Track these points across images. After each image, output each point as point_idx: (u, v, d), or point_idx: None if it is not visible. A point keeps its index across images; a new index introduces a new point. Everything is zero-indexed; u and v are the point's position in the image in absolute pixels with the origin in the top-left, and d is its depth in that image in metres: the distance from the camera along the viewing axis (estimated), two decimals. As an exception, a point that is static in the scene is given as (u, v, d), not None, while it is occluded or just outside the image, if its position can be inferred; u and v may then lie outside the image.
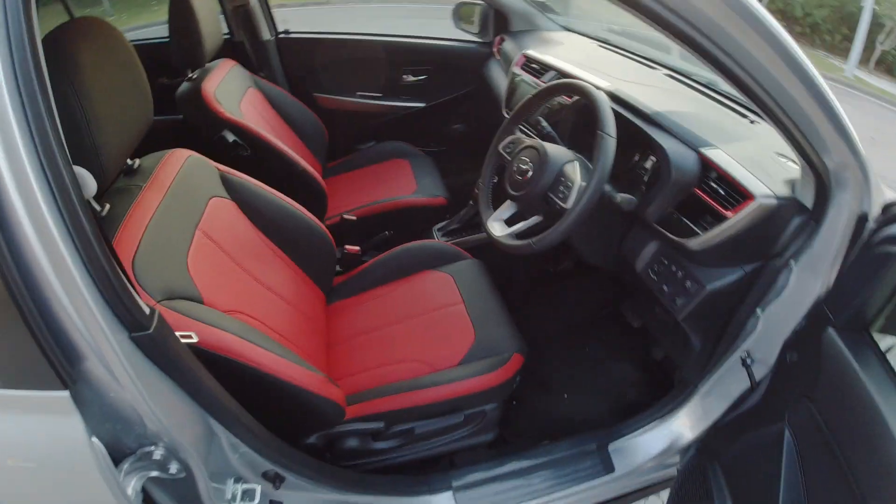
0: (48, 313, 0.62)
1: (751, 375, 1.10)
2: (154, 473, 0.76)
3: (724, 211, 1.06)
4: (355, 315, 1.47)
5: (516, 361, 1.28)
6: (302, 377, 0.99)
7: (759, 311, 1.08)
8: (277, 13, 2.19)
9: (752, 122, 1.33)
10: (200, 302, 0.96)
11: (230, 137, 1.59)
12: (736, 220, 1.03)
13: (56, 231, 0.59)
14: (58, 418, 0.67)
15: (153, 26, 2.35)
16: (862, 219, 0.92)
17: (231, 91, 1.70)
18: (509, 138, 1.37)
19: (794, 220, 1.01)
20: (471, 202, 1.82)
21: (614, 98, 1.30)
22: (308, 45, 2.25)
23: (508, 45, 2.08)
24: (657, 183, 1.18)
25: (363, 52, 2.27)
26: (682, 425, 1.28)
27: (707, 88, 1.52)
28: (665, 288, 1.23)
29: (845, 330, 0.88)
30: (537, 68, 1.68)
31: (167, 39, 1.66)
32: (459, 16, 2.27)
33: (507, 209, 1.32)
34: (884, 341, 0.87)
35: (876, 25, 8.13)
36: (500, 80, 2.08)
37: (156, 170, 1.06)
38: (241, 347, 0.90)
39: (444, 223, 1.91)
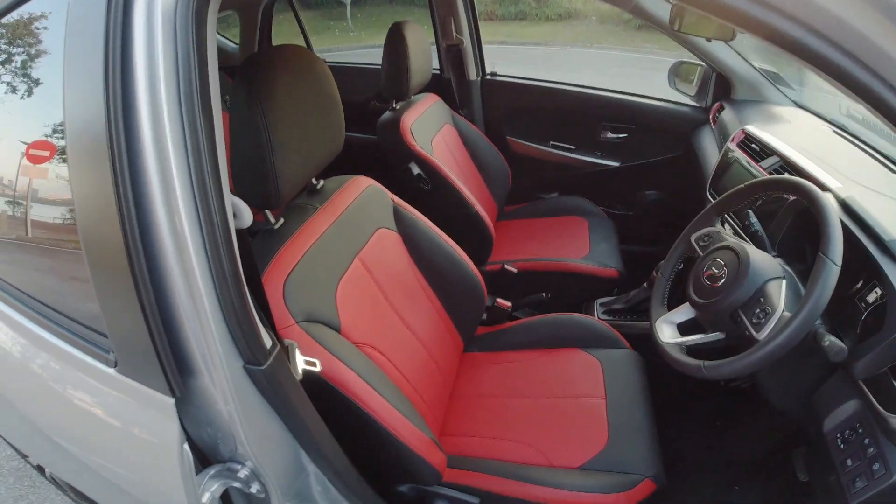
0: (173, 327, 0.67)
1: None
2: (236, 485, 0.79)
3: None
4: (486, 373, 1.41)
5: (646, 488, 1.08)
6: (409, 434, 0.96)
7: None
8: (491, 49, 2.28)
9: None
10: (337, 330, 0.99)
11: (415, 170, 1.67)
12: None
13: (195, 259, 0.63)
14: (163, 418, 0.74)
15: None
16: None
17: (428, 125, 1.79)
18: (707, 229, 1.18)
19: None
20: (645, 284, 1.62)
21: (846, 208, 1.04)
22: (511, 89, 2.28)
23: (727, 115, 1.83)
24: (879, 329, 0.90)
25: (564, 103, 2.22)
26: None
27: None
28: (849, 462, 0.93)
29: None
30: (757, 149, 1.44)
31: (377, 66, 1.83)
32: (677, 74, 2.08)
33: (683, 313, 1.13)
34: None
35: None
36: (710, 151, 1.85)
37: (335, 193, 1.15)
38: (358, 388, 0.91)
39: (609, 299, 1.74)
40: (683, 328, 1.12)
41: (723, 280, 1.01)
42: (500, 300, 1.56)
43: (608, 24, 7.33)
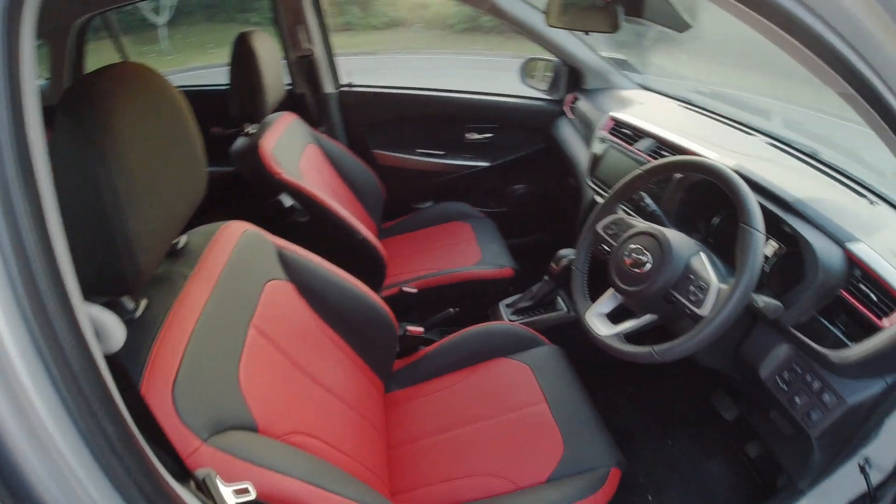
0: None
1: (868, 483, 0.93)
2: None
3: (875, 319, 0.89)
4: (418, 410, 1.27)
5: (615, 477, 1.06)
6: None
7: (886, 419, 0.93)
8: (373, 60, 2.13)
9: (871, 202, 1.13)
10: (255, 430, 0.78)
11: (288, 202, 1.45)
12: (891, 330, 0.86)
13: (49, 422, 0.40)
14: None
15: (210, 68, 2.30)
16: None
17: (290, 148, 1.58)
18: (611, 217, 1.18)
19: None
20: (545, 278, 1.62)
21: (744, 179, 1.12)
22: (370, 99, 2.16)
23: (583, 105, 1.93)
24: (789, 274, 0.99)
25: (427, 109, 2.16)
26: None
27: (812, 159, 1.32)
28: (797, 400, 1.01)
29: None
30: (629, 133, 1.51)
31: (224, 87, 1.56)
32: (528, 71, 2.15)
33: (610, 302, 1.13)
34: None
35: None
36: (573, 142, 1.93)
37: (205, 251, 0.90)
38: (305, 496, 0.71)
39: (513, 299, 1.72)
40: (613, 316, 1.12)
41: (648, 265, 1.02)
42: (410, 327, 1.43)
43: (434, 30, 7.56)
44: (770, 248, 1.05)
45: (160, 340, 0.71)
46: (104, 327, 0.49)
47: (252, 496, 0.63)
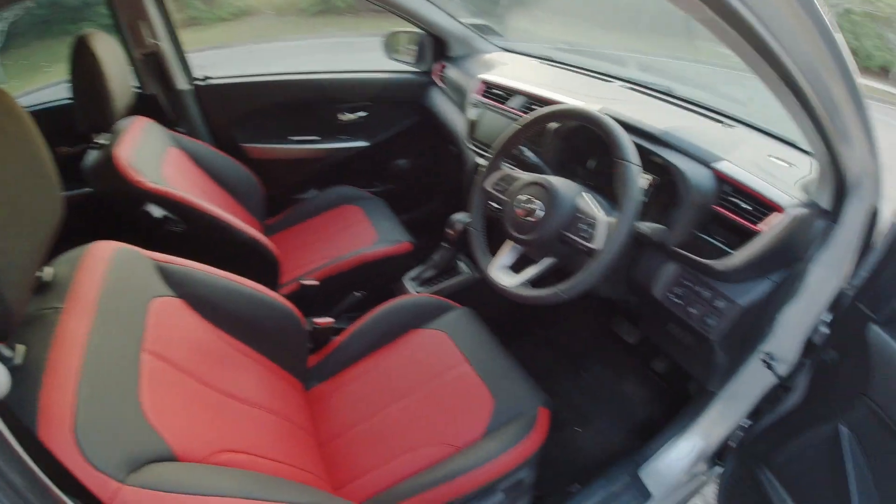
0: None
1: (776, 373, 1.08)
2: None
3: (751, 226, 1.01)
4: (342, 400, 1.24)
5: (545, 417, 1.12)
6: None
7: (777, 314, 1.07)
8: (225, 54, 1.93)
9: (727, 126, 1.30)
10: (174, 458, 0.70)
11: (157, 212, 1.30)
12: (768, 234, 0.99)
13: None
14: None
15: (50, 87, 1.99)
16: (874, 213, 0.93)
17: (149, 154, 1.41)
18: (498, 174, 1.22)
19: (818, 224, 0.99)
20: (444, 244, 1.65)
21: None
22: (230, 91, 1.99)
23: (451, 72, 1.96)
24: (667, 202, 1.10)
25: (293, 94, 2.04)
26: (707, 434, 1.24)
27: (667, 96, 1.48)
28: (692, 310, 1.14)
29: (888, 325, 0.89)
30: (501, 94, 1.56)
31: (67, 101, 1.35)
32: (391, 46, 2.13)
33: (510, 254, 1.17)
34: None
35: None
36: (447, 109, 1.96)
37: (74, 280, 0.79)
38: None
39: (416, 272, 1.72)
40: (515, 267, 1.16)
41: (539, 212, 1.07)
42: (317, 320, 1.38)
43: (286, 16, 7.20)
44: (644, 180, 1.15)
45: (47, 386, 0.62)
46: None
47: None
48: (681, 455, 1.25)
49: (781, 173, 1.08)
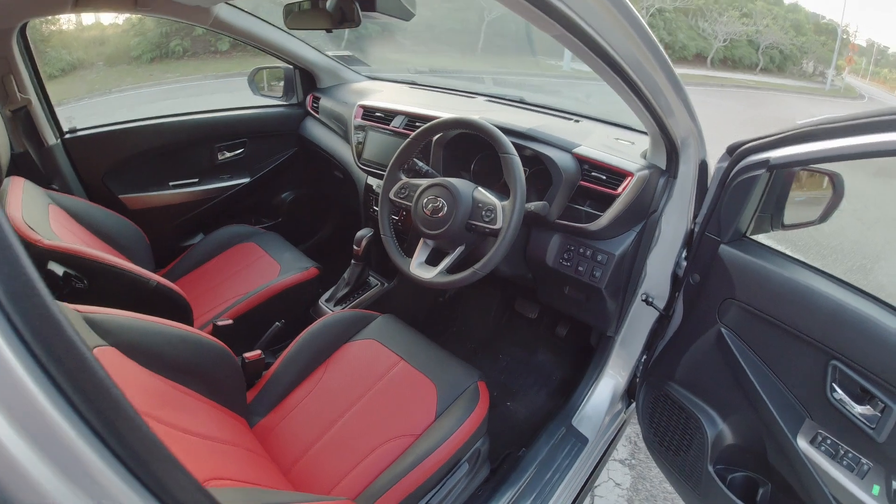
0: None
1: (656, 307, 1.32)
2: None
3: (612, 191, 1.26)
4: (292, 426, 1.26)
5: (484, 388, 1.27)
6: None
7: (647, 259, 1.33)
8: (60, 111, 1.78)
9: (576, 121, 1.58)
10: None
11: (59, 270, 1.21)
12: (624, 195, 1.25)
13: None
14: None
15: None
16: (703, 165, 1.21)
17: (36, 213, 1.31)
18: (398, 184, 1.35)
19: (660, 181, 1.27)
20: (353, 261, 1.73)
21: None
22: (101, 141, 1.88)
23: (325, 102, 2.06)
24: (543, 187, 1.32)
25: (165, 137, 1.98)
26: (617, 373, 1.48)
27: (522, 104, 1.75)
28: (581, 268, 1.37)
29: (732, 242, 1.14)
30: (382, 116, 1.70)
31: None
32: (256, 83, 2.16)
33: (423, 251, 1.30)
34: (759, 238, 1.17)
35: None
36: (326, 137, 2.05)
37: None
38: None
39: (329, 293, 1.78)
40: (430, 261, 1.30)
41: (445, 208, 1.22)
42: (247, 354, 1.38)
43: (120, 66, 6.57)
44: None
45: None
46: None
47: None
48: (601, 398, 1.47)
49: (627, 149, 1.37)
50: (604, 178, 1.28)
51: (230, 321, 1.55)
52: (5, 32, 1.50)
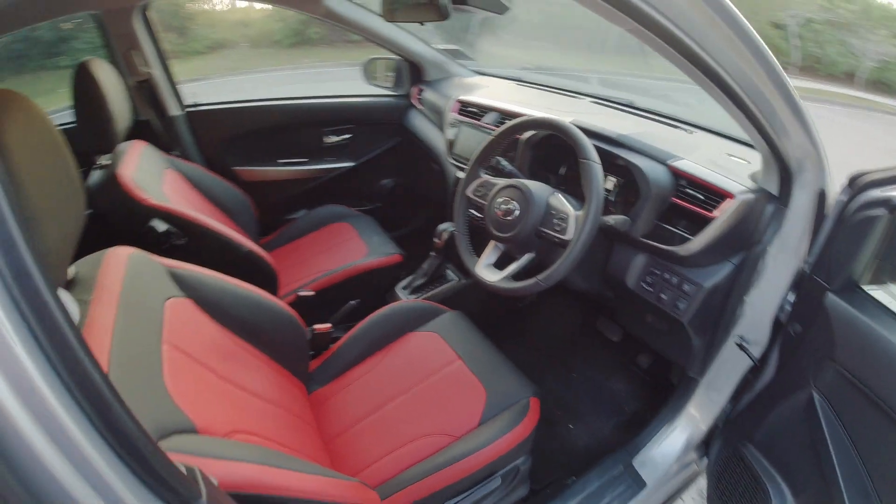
0: None
1: (750, 355, 1.16)
2: None
3: (707, 213, 1.13)
4: (344, 400, 1.32)
5: (535, 406, 1.21)
6: (338, 491, 0.84)
7: (745, 297, 1.16)
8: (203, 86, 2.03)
9: (688, 131, 1.44)
10: (195, 431, 0.78)
11: (161, 227, 1.38)
12: (721, 219, 1.11)
13: (53, 398, 0.42)
14: None
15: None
16: (821, 195, 1.03)
17: (150, 174, 1.50)
18: (477, 182, 1.34)
19: (768, 208, 1.10)
20: (432, 253, 1.75)
21: (578, 128, 1.34)
22: (221, 117, 2.09)
23: (429, 95, 2.09)
24: (632, 201, 1.22)
25: (280, 118, 2.15)
26: (694, 420, 1.32)
27: (630, 108, 1.63)
28: (663, 296, 1.25)
29: (842, 292, 0.97)
30: (476, 111, 1.69)
31: (69, 125, 1.44)
32: (370, 72, 2.26)
33: (493, 253, 1.28)
34: (874, 293, 0.97)
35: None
36: (426, 129, 2.08)
37: (98, 277, 0.87)
38: (268, 477, 0.74)
39: (406, 281, 1.83)
40: (498, 264, 1.27)
41: (517, 212, 1.18)
42: (317, 326, 1.47)
43: (261, 48, 7.32)
44: (610, 182, 1.28)
45: None
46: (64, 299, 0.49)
47: (215, 482, 0.66)
48: (672, 443, 1.33)
49: (736, 168, 1.21)
50: (700, 197, 1.15)
51: (312, 293, 1.66)
52: (128, 11, 1.71)
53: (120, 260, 0.94)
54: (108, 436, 0.44)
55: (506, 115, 1.60)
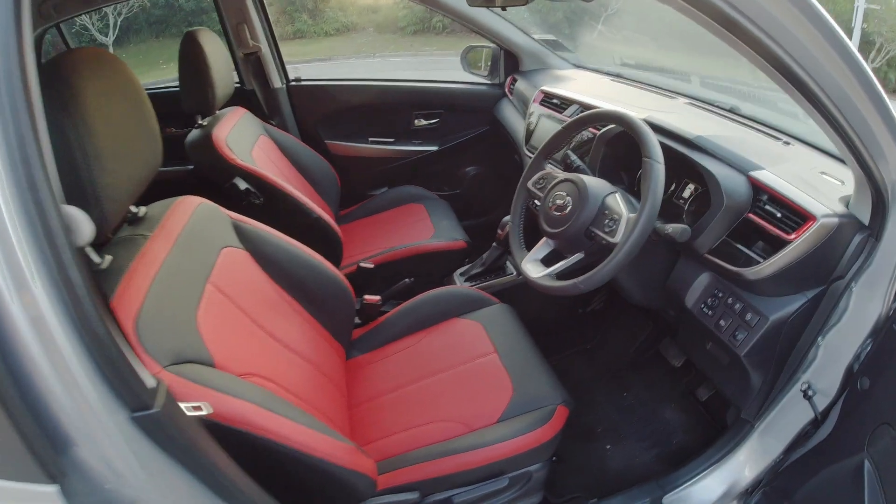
0: (29, 389, 0.51)
1: (814, 407, 1.02)
2: None
3: (784, 235, 0.99)
4: (378, 371, 1.35)
5: (561, 415, 1.15)
6: (330, 449, 0.87)
7: (819, 338, 1.01)
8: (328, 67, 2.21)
9: (786, 143, 1.28)
10: (212, 365, 0.85)
11: (242, 185, 1.52)
12: (798, 242, 0.96)
13: (41, 286, 0.49)
14: None
15: (163, 84, 2.33)
16: None
17: (242, 138, 1.65)
18: (539, 174, 1.29)
19: (855, 239, 0.96)
20: (494, 244, 1.73)
21: (651, 125, 1.24)
22: (319, 93, 2.23)
23: (521, 85, 2.05)
24: (706, 211, 1.11)
25: (374, 98, 2.25)
26: (741, 467, 1.17)
27: (731, 114, 1.47)
28: (722, 323, 1.12)
29: None
30: (558, 103, 1.63)
31: (177, 89, 1.62)
32: (468, 60, 2.27)
33: (543, 248, 1.23)
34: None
35: (866, 43, 8.26)
36: (513, 120, 2.05)
37: (163, 218, 0.98)
38: (260, 418, 0.79)
39: (465, 267, 1.82)
40: (548, 261, 1.22)
41: (569, 207, 1.12)
42: (367, 297, 1.51)
43: (386, 34, 7.68)
44: (687, 190, 1.17)
45: (124, 283, 0.78)
46: (76, 220, 0.58)
47: (205, 413, 0.71)
48: (710, 488, 1.19)
49: (828, 188, 1.05)
50: (778, 215, 1.01)
51: (372, 265, 1.72)
52: None
53: (188, 207, 1.04)
54: (83, 333, 0.51)
55: (585, 109, 1.52)
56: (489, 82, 2.26)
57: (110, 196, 0.75)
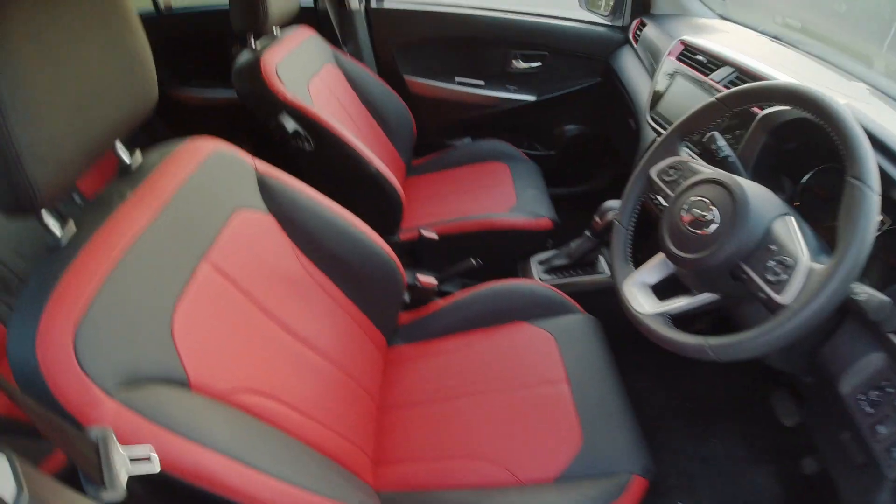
0: None
1: None
2: None
3: None
4: (419, 370, 1.12)
5: (639, 488, 0.87)
6: None
7: None
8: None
9: None
10: (185, 383, 0.64)
11: (290, 125, 1.27)
12: None
13: None
14: None
15: None
16: None
17: (300, 66, 1.39)
18: (671, 160, 0.93)
19: None
20: (586, 233, 1.40)
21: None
22: (403, 20, 1.91)
23: (651, 31, 1.62)
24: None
25: (466, 31, 1.90)
26: None
27: None
28: (880, 429, 0.76)
29: None
30: (704, 61, 1.22)
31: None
32: (587, -7, 1.85)
33: (658, 270, 0.90)
34: None
35: None
36: (636, 74, 1.64)
37: (154, 171, 0.74)
38: (225, 474, 0.57)
39: (547, 254, 1.51)
40: (660, 289, 0.89)
41: (714, 225, 0.77)
42: (421, 277, 1.26)
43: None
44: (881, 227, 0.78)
45: (72, 269, 0.57)
46: None
47: (154, 468, 0.50)
48: None
49: None
50: None
51: (435, 236, 1.46)
52: None
53: (195, 154, 0.80)
54: None
55: (746, 74, 1.10)
56: (609, 23, 1.84)
57: (40, 154, 0.53)
